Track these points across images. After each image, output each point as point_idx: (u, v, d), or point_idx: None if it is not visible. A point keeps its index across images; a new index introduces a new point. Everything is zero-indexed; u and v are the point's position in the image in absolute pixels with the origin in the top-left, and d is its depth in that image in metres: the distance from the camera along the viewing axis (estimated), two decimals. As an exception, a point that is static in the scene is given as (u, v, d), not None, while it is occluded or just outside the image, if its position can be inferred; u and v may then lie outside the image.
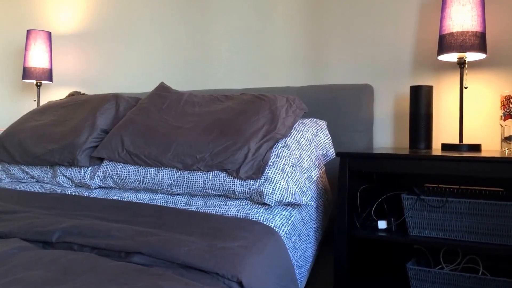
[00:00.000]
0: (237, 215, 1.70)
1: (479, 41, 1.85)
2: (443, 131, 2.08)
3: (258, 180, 1.73)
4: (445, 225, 1.71)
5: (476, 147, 1.88)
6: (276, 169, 1.75)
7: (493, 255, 1.78)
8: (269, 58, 2.45)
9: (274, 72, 2.44)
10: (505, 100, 1.81)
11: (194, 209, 1.77)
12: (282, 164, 1.78)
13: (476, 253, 1.77)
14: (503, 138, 1.82)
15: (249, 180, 1.73)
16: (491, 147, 1.97)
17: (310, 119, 2.04)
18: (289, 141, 1.87)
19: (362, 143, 2.15)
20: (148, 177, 1.90)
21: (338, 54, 2.29)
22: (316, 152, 1.94)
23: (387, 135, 2.21)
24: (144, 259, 1.35)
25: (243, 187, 1.74)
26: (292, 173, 1.77)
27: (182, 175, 1.84)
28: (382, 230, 1.83)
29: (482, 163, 1.62)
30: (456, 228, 1.69)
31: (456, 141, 1.98)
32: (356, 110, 2.16)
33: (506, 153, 1.76)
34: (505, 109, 1.82)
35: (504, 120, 1.82)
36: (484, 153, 1.75)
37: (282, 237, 1.65)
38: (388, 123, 2.20)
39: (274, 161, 1.78)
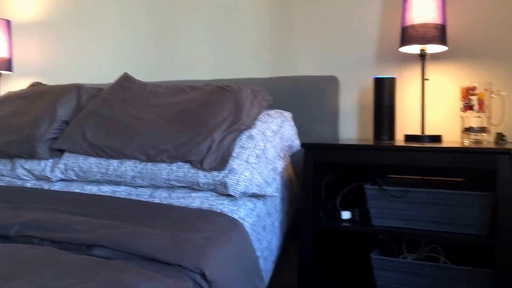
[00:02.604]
0: (201, 206, 1.69)
1: (440, 33, 1.88)
2: (406, 123, 2.10)
3: (222, 171, 1.72)
4: (407, 214, 1.74)
5: (437, 138, 1.92)
6: (240, 160, 1.74)
7: (454, 244, 1.82)
8: (235, 49, 2.44)
9: (240, 64, 2.43)
10: (465, 91, 1.84)
11: (158, 201, 1.75)
12: (246, 155, 1.77)
13: (437, 242, 1.81)
14: (463, 129, 1.86)
15: (213, 172, 1.72)
16: (452, 138, 2.00)
17: (275, 110, 2.03)
18: (253, 132, 1.86)
19: (327, 134, 2.16)
20: (111, 169, 1.87)
21: (304, 46, 2.29)
22: (281, 143, 1.94)
23: (352, 127, 2.23)
24: (105, 252, 1.33)
25: (207, 178, 1.73)
26: (256, 164, 1.76)
27: (145, 167, 1.81)
28: (346, 220, 1.85)
29: (443, 153, 1.66)
30: (418, 217, 1.72)
31: (419, 132, 2.01)
32: (322, 101, 2.17)
33: (466, 143, 1.80)
34: (465, 101, 1.85)
35: (464, 112, 1.85)
36: (445, 144, 1.79)
37: (247, 229, 1.65)
38: (353, 115, 2.22)
39: (239, 152, 1.77)
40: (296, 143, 2.02)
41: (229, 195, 1.73)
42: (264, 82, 2.26)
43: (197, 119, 1.84)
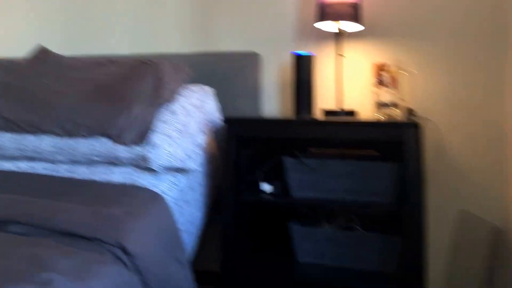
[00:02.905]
0: (123, 181, 1.68)
1: (354, 11, 1.94)
2: (325, 98, 2.18)
3: (143, 145, 1.71)
4: (325, 186, 1.82)
5: (353, 113, 2.01)
6: (161, 135, 1.74)
7: (368, 213, 1.93)
8: (157, 24, 2.40)
9: (162, 38, 2.40)
10: (378, 68, 1.94)
11: (78, 177, 1.72)
12: (167, 129, 1.77)
13: (353, 211, 1.91)
14: (376, 104, 1.96)
15: (133, 146, 1.72)
16: (366, 113, 2.11)
17: (197, 85, 2.04)
18: (175, 107, 1.86)
19: (250, 110, 2.20)
20: (28, 145, 1.81)
21: (225, 22, 2.30)
22: (203, 118, 1.95)
23: (275, 103, 2.27)
24: (22, 228, 1.30)
25: (128, 153, 1.72)
26: (178, 138, 1.77)
27: (64, 141, 1.77)
28: (267, 193, 1.91)
29: (357, 126, 1.75)
30: (335, 188, 1.81)
31: (336, 108, 2.09)
32: (244, 77, 2.21)
33: (378, 118, 1.90)
34: (378, 77, 1.96)
35: (377, 88, 1.95)
36: (359, 118, 1.88)
37: (169, 203, 1.66)
38: (274, 91, 2.27)
39: (159, 126, 1.77)
40: (219, 118, 2.05)
41: (151, 170, 1.73)
42: (186, 57, 2.26)
43: (117, 93, 1.81)
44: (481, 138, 1.99)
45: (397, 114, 1.93)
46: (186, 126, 1.84)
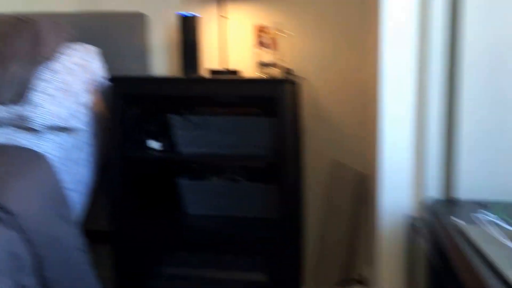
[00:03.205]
0: (3, 142, 1.66)
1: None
2: (210, 59, 2.26)
3: (22, 104, 1.70)
4: (210, 141, 1.92)
5: (236, 72, 2.11)
6: (41, 93, 1.73)
7: (251, 165, 2.07)
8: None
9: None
10: (258, 30, 2.05)
11: (-46, 139, 1.68)
12: (48, 88, 1.76)
13: (236, 164, 2.04)
14: (257, 64, 2.07)
15: (11, 105, 1.69)
16: (249, 73, 2.22)
17: (80, 45, 2.03)
18: (56, 65, 1.85)
19: (138, 70, 2.23)
20: None
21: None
22: (88, 77, 1.95)
23: (163, 63, 2.31)
24: None
25: (6, 112, 1.69)
26: (60, 97, 1.77)
27: None
28: (155, 150, 1.97)
29: (238, 84, 1.86)
30: (219, 143, 1.92)
31: (220, 68, 2.18)
32: (131, 38, 2.22)
33: (260, 76, 2.02)
34: (259, 39, 2.06)
35: (258, 48, 2.07)
36: (241, 77, 1.99)
37: (54, 162, 1.67)
38: (163, 51, 2.30)
39: (40, 85, 1.75)
40: (104, 77, 2.06)
41: (32, 130, 1.72)
42: (71, 17, 2.22)
43: (-8, 51, 1.76)
44: (349, 95, 2.18)
45: (277, 73, 2.05)
46: (69, 85, 1.83)
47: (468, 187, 1.37)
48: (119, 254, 1.92)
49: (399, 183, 1.46)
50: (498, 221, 1.07)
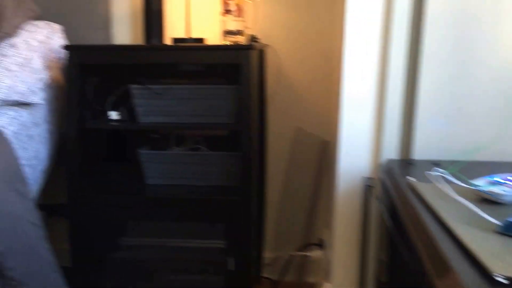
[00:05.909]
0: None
1: None
2: (175, 27, 2.21)
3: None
4: (171, 110, 1.87)
5: (201, 40, 2.06)
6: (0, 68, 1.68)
7: (213, 133, 2.03)
8: None
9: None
10: (224, -4, 2.00)
11: None
12: (5, 62, 1.72)
13: (198, 133, 2.00)
14: (223, 32, 2.03)
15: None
16: (214, 41, 2.17)
17: (43, 21, 1.98)
18: (16, 41, 1.80)
19: (101, 40, 2.17)
20: None
21: None
22: (49, 54, 1.90)
23: (126, 33, 2.25)
24: None
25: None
26: (19, 72, 1.73)
27: None
28: (114, 121, 1.92)
29: (200, 50, 1.81)
30: (181, 112, 1.87)
31: (185, 36, 2.13)
32: (93, 8, 2.16)
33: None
34: (224, 6, 2.02)
35: (224, 16, 2.02)
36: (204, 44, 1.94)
37: (9, 137, 1.64)
38: (126, 21, 2.24)
39: (-1, 60, 1.70)
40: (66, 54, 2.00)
41: (-13, 103, 1.67)
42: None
43: None
44: (315, 64, 2.15)
45: (242, 41, 2.01)
46: (28, 61, 1.79)
47: (424, 149, 1.37)
48: (76, 226, 1.87)
49: (359, 147, 1.45)
50: (448, 177, 1.05)
